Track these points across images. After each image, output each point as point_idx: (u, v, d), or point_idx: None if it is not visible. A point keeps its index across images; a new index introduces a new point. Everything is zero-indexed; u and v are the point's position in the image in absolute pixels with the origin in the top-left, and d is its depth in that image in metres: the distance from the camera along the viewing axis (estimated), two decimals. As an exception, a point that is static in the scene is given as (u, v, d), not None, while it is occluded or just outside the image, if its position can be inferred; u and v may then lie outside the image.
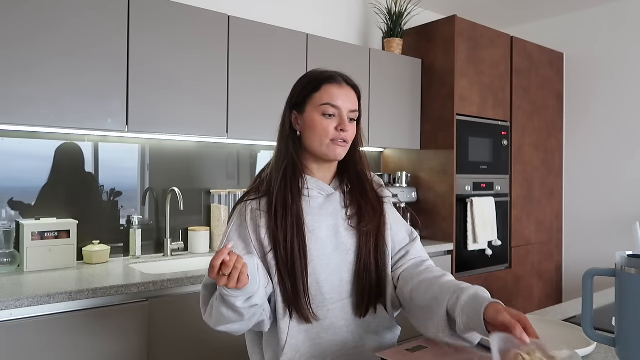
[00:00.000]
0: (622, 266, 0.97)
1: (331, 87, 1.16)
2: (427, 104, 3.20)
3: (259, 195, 1.18)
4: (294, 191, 1.15)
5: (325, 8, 3.16)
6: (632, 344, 0.96)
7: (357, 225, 1.19)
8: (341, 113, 1.16)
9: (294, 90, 1.22)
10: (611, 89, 3.56)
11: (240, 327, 1.10)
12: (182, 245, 2.50)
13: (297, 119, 1.20)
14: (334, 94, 1.16)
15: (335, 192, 1.22)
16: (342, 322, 1.17)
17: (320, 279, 1.14)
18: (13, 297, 1.54)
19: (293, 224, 1.13)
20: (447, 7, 3.61)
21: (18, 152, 2.10)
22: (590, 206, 3.66)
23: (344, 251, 1.18)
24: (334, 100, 1.15)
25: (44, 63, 1.87)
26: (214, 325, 1.11)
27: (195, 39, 2.24)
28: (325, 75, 1.18)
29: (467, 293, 0.99)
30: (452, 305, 1.00)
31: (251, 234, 1.15)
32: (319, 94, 1.16)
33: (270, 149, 2.86)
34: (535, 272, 3.59)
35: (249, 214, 1.16)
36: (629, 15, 3.47)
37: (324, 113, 1.15)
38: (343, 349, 1.16)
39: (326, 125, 1.15)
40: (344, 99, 1.16)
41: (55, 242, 2.01)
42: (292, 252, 1.11)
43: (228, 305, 1.02)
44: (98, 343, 1.70)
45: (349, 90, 1.19)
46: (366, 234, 1.19)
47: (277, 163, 1.18)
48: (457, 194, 3.07)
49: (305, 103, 1.17)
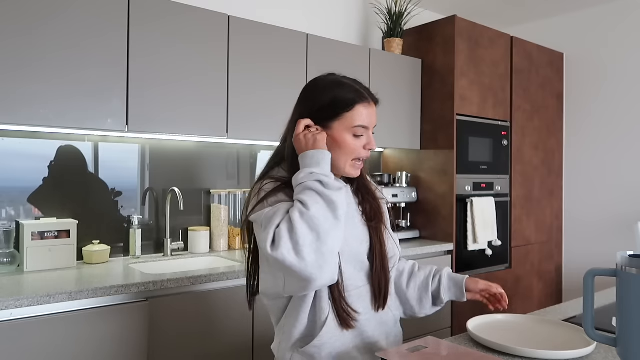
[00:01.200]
0: (623, 266, 0.97)
1: (362, 107, 1.17)
2: (427, 104, 3.20)
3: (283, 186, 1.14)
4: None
5: (325, 8, 3.16)
6: (633, 344, 0.96)
7: (369, 221, 1.24)
8: (368, 132, 1.19)
9: (317, 100, 1.19)
10: (611, 89, 3.56)
11: (336, 239, 1.03)
12: (182, 245, 2.50)
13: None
14: (365, 114, 1.17)
15: (347, 187, 1.24)
16: (360, 309, 1.18)
17: (341, 265, 1.14)
18: (13, 297, 1.54)
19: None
20: (447, 7, 3.62)
21: (18, 152, 2.10)
22: (590, 206, 3.67)
23: (358, 241, 1.20)
24: (365, 121, 1.17)
25: (44, 63, 1.86)
26: (300, 247, 0.99)
27: (196, 39, 2.24)
28: (358, 94, 1.18)
29: (444, 276, 1.34)
30: (435, 289, 1.34)
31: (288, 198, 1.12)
32: (350, 114, 1.16)
33: (270, 149, 2.86)
34: (535, 272, 3.58)
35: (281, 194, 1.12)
36: (629, 15, 3.47)
37: (355, 134, 1.17)
38: (360, 337, 1.18)
39: (356, 145, 1.17)
40: (371, 117, 1.19)
41: (55, 242, 2.01)
42: None
43: (327, 191, 1.03)
44: (98, 343, 1.69)
45: (373, 106, 1.21)
46: (376, 229, 1.24)
47: (291, 166, 1.17)
48: (457, 194, 3.07)
49: (333, 120, 1.17)
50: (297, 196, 1.05)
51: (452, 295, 1.33)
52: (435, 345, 1.07)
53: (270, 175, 1.19)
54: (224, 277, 2.00)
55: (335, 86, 1.20)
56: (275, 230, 1.01)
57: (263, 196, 1.12)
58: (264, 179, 1.18)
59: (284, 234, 0.99)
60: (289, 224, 1.01)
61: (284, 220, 1.02)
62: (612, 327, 1.10)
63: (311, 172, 1.07)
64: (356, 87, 1.20)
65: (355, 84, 1.20)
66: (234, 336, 2.02)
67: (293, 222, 1.00)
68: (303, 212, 1.01)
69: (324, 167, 1.09)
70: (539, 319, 1.32)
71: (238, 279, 2.04)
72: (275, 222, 1.03)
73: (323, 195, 1.04)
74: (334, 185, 1.06)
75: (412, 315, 1.37)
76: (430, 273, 1.36)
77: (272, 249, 0.99)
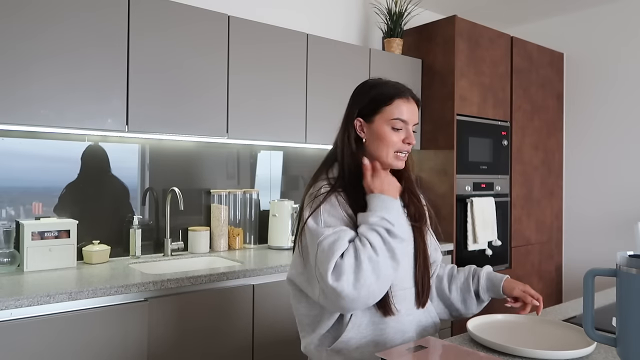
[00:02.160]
0: (623, 266, 0.97)
1: (402, 102, 1.25)
2: (427, 104, 3.20)
3: (338, 190, 1.23)
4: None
5: (325, 8, 3.16)
6: (633, 344, 0.96)
7: (413, 221, 1.31)
8: (407, 127, 1.26)
9: (360, 98, 1.29)
10: (611, 89, 3.56)
11: (390, 281, 1.14)
12: (182, 245, 2.50)
13: (363, 126, 1.27)
14: (403, 108, 1.25)
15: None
16: (404, 310, 1.24)
17: None
18: (13, 297, 1.54)
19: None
20: (447, 7, 3.61)
21: (18, 152, 2.10)
22: (590, 206, 3.67)
23: (404, 242, 1.25)
24: (403, 115, 1.25)
25: (44, 63, 1.86)
26: (364, 282, 1.08)
27: (196, 39, 2.24)
28: (397, 90, 1.27)
29: (483, 277, 1.39)
30: (476, 289, 1.39)
31: (344, 214, 1.20)
32: (390, 107, 1.25)
33: (270, 149, 2.87)
34: (535, 272, 3.59)
35: (335, 200, 1.21)
36: (629, 15, 3.47)
37: (393, 127, 1.25)
38: (402, 337, 1.23)
39: (394, 138, 1.25)
40: (411, 113, 1.26)
41: (55, 242, 2.01)
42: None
43: (392, 237, 1.12)
44: (98, 343, 1.69)
45: (414, 105, 1.28)
46: (420, 231, 1.31)
47: (348, 164, 1.26)
48: (457, 194, 3.07)
49: (375, 114, 1.26)
50: (366, 236, 1.12)
51: (491, 295, 1.39)
52: (435, 345, 1.07)
53: (323, 178, 1.27)
54: (224, 277, 2.00)
55: (378, 85, 1.29)
56: (337, 261, 1.09)
57: (318, 204, 1.19)
58: (318, 181, 1.27)
59: (348, 269, 1.07)
60: (355, 261, 1.08)
61: (348, 254, 1.09)
62: (612, 327, 1.10)
63: (382, 218, 1.14)
64: (396, 85, 1.28)
65: (396, 83, 1.29)
66: (234, 336, 2.02)
67: (360, 262, 1.08)
68: (372, 257, 1.09)
69: (393, 214, 1.16)
70: (539, 319, 1.32)
71: (238, 279, 2.04)
72: (337, 252, 1.10)
73: (388, 244, 1.12)
74: (399, 234, 1.14)
75: (459, 316, 1.43)
76: (470, 273, 1.42)
77: (332, 278, 1.07)
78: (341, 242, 1.11)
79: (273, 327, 2.13)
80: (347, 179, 1.25)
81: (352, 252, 1.10)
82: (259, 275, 2.10)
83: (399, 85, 1.29)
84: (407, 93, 1.27)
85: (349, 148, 1.27)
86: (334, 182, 1.25)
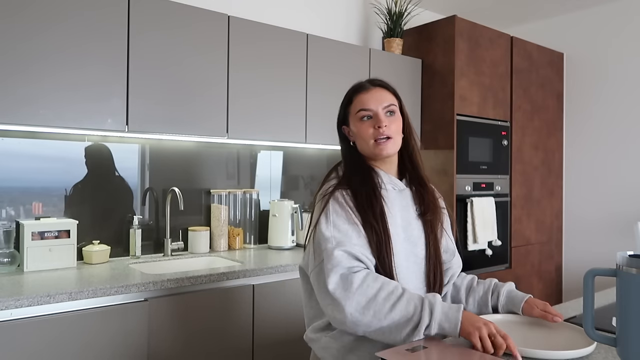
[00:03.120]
0: (623, 266, 0.97)
1: (360, 95, 1.30)
2: (427, 104, 3.20)
3: (344, 187, 1.26)
4: (368, 182, 1.27)
5: (325, 8, 3.16)
6: (633, 344, 0.96)
7: (422, 214, 1.32)
8: (376, 113, 1.28)
9: (340, 110, 1.37)
10: (611, 89, 3.56)
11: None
12: (182, 245, 2.50)
13: (349, 132, 1.34)
14: (363, 99, 1.29)
15: (406, 189, 1.34)
16: None
17: (398, 263, 1.23)
18: (13, 297, 1.54)
19: (375, 205, 1.23)
20: (447, 7, 3.61)
21: (18, 152, 2.10)
22: (590, 206, 3.66)
23: (412, 243, 1.29)
24: (365, 105, 1.28)
25: (44, 63, 1.86)
26: (369, 322, 1.11)
27: (195, 39, 2.24)
28: (354, 87, 1.33)
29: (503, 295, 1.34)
30: (494, 305, 1.35)
31: (352, 215, 1.22)
32: (352, 105, 1.31)
33: (270, 149, 2.87)
34: (535, 272, 3.58)
35: (341, 198, 1.24)
36: (629, 15, 3.47)
37: (361, 118, 1.29)
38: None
39: (365, 127, 1.28)
40: (374, 100, 1.29)
41: (55, 242, 2.01)
42: (380, 230, 1.21)
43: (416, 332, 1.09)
44: (98, 343, 1.69)
45: (377, 90, 1.31)
46: (431, 224, 1.31)
47: (348, 165, 1.32)
48: (457, 194, 3.07)
49: (347, 116, 1.33)
50: (411, 299, 1.11)
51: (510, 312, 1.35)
52: (435, 345, 1.07)
53: (333, 177, 1.31)
54: (224, 277, 2.00)
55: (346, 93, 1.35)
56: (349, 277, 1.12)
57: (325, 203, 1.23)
58: (328, 180, 1.31)
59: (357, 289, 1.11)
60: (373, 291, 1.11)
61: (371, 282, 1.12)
62: (612, 327, 1.10)
63: (436, 315, 1.09)
64: (358, 82, 1.34)
65: (362, 81, 1.34)
66: (234, 336, 2.02)
67: (376, 297, 1.11)
68: (394, 304, 1.10)
69: (443, 324, 1.09)
70: (538, 319, 1.32)
71: (238, 279, 2.04)
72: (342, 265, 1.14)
73: (410, 326, 1.09)
74: (421, 334, 1.09)
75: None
76: (489, 288, 1.38)
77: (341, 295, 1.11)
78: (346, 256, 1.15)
79: (273, 327, 2.13)
80: (350, 176, 1.29)
81: (378, 285, 1.12)
82: (259, 275, 2.10)
83: (359, 82, 1.34)
84: (364, 84, 1.32)
85: (345, 151, 1.35)
86: (340, 181, 1.29)
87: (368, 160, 1.33)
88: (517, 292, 1.34)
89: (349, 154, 1.35)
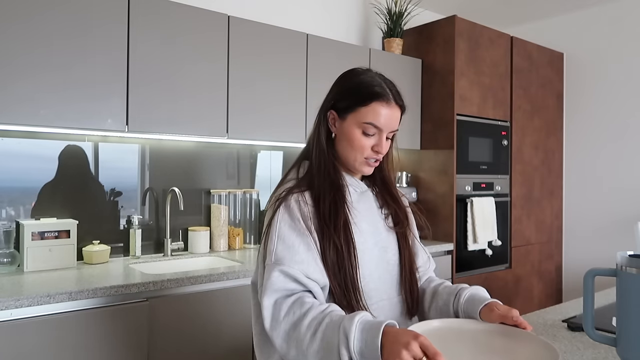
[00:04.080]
0: (623, 266, 0.97)
1: (380, 106, 1.10)
2: (427, 104, 3.20)
3: (301, 189, 1.12)
4: (336, 186, 1.13)
5: (325, 8, 3.16)
6: (633, 344, 0.96)
7: (394, 226, 1.21)
8: (381, 134, 1.12)
9: (337, 89, 1.17)
10: (611, 88, 3.56)
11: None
12: (182, 245, 2.50)
13: (335, 120, 1.16)
14: (380, 114, 1.10)
15: (368, 190, 1.22)
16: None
17: (366, 274, 1.11)
18: (13, 297, 1.54)
19: (340, 215, 1.09)
20: (447, 7, 3.61)
21: (18, 152, 2.10)
22: (590, 206, 3.66)
23: (383, 248, 1.17)
24: (378, 121, 1.10)
25: (44, 63, 1.86)
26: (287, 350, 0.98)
27: (196, 39, 2.24)
28: (377, 91, 1.11)
29: (462, 302, 1.13)
30: (455, 312, 1.14)
31: (304, 225, 1.07)
32: (365, 109, 1.10)
33: (270, 149, 2.87)
34: (535, 272, 3.58)
35: (294, 205, 1.09)
36: (629, 15, 3.47)
37: (364, 131, 1.11)
38: None
39: (364, 143, 1.12)
40: (389, 120, 1.11)
41: (55, 242, 2.01)
42: (341, 245, 1.07)
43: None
44: (98, 343, 1.69)
45: (396, 110, 1.13)
46: (404, 236, 1.21)
47: (318, 160, 1.15)
48: (457, 194, 3.07)
49: (348, 112, 1.13)
50: (330, 326, 0.93)
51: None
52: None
53: (290, 178, 1.18)
54: (224, 277, 2.00)
55: (361, 79, 1.14)
56: (281, 309, 0.99)
57: (275, 209, 1.09)
58: (285, 182, 1.17)
59: (285, 319, 0.98)
60: (293, 333, 0.97)
61: (297, 308, 0.98)
62: (612, 327, 1.10)
63: (353, 345, 0.89)
64: (381, 84, 1.12)
65: (382, 82, 1.13)
66: (234, 336, 2.02)
67: (298, 341, 0.96)
68: (315, 334, 0.94)
69: (364, 352, 0.89)
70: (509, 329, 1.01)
71: (238, 279, 2.04)
72: (278, 287, 1.01)
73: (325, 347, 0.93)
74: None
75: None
76: (454, 291, 1.17)
77: (270, 324, 0.99)
78: (285, 278, 1.01)
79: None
80: (315, 176, 1.13)
81: (299, 309, 0.98)
82: (259, 275, 2.10)
83: (384, 84, 1.12)
84: (389, 96, 1.11)
85: (319, 143, 1.16)
86: (300, 181, 1.14)
87: (336, 160, 1.17)
88: (481, 295, 1.13)
89: (324, 147, 1.15)
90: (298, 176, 1.16)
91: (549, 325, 1.36)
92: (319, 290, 1.05)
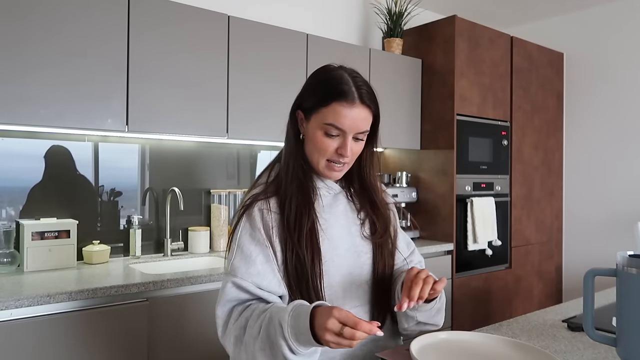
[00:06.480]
0: (623, 266, 0.97)
1: (340, 106, 1.02)
2: (427, 104, 3.20)
3: (267, 195, 1.08)
4: (305, 190, 1.08)
5: (325, 8, 3.16)
6: (633, 344, 0.96)
7: (370, 236, 1.14)
8: (345, 135, 1.04)
9: (304, 88, 1.12)
10: (611, 88, 3.56)
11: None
12: (182, 245, 2.50)
13: (303, 121, 1.10)
14: (342, 114, 1.02)
15: (341, 192, 1.16)
16: None
17: (333, 282, 1.07)
18: (13, 297, 1.54)
19: (305, 222, 1.04)
20: (447, 7, 3.61)
21: (18, 152, 2.10)
22: (590, 206, 3.66)
23: (356, 253, 1.11)
24: (339, 122, 1.02)
25: (44, 63, 1.86)
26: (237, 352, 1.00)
27: (195, 39, 2.24)
28: (339, 90, 1.02)
29: (402, 276, 1.08)
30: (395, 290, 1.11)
31: (264, 236, 1.04)
32: (325, 110, 1.03)
33: (270, 149, 2.86)
34: (535, 272, 3.58)
35: (257, 214, 1.05)
36: (629, 15, 3.47)
37: (327, 132, 1.04)
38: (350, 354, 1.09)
39: (326, 145, 1.05)
40: (352, 121, 1.03)
41: (55, 242, 2.01)
42: (305, 253, 1.03)
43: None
44: (98, 343, 1.69)
45: (361, 110, 1.03)
46: (380, 244, 1.14)
47: (287, 162, 1.10)
48: (457, 194, 3.07)
49: (312, 112, 1.06)
50: (266, 343, 0.92)
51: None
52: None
53: (260, 183, 1.13)
54: (224, 277, 1.99)
55: (328, 76, 1.07)
56: (232, 320, 1.00)
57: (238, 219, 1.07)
58: (254, 187, 1.13)
59: (232, 342, 0.99)
60: (240, 344, 0.98)
61: (247, 313, 0.99)
62: (612, 327, 1.10)
63: (288, 332, 0.88)
64: (348, 83, 1.03)
65: (349, 81, 1.04)
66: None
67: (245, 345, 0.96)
68: (259, 332, 0.94)
69: (300, 339, 0.87)
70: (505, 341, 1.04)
71: (238, 279, 2.04)
72: (231, 298, 1.01)
73: (279, 352, 0.90)
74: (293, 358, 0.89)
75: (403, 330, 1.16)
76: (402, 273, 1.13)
77: (221, 332, 1.02)
78: (237, 289, 1.01)
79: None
80: (283, 179, 1.08)
81: (244, 322, 0.98)
82: (259, 275, 2.10)
83: (351, 83, 1.03)
84: (353, 96, 1.02)
85: (288, 144, 1.11)
86: (267, 186, 1.09)
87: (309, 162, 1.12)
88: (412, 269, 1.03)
89: (293, 148, 1.10)
90: (268, 180, 1.11)
91: (549, 325, 1.36)
92: (277, 299, 1.03)
